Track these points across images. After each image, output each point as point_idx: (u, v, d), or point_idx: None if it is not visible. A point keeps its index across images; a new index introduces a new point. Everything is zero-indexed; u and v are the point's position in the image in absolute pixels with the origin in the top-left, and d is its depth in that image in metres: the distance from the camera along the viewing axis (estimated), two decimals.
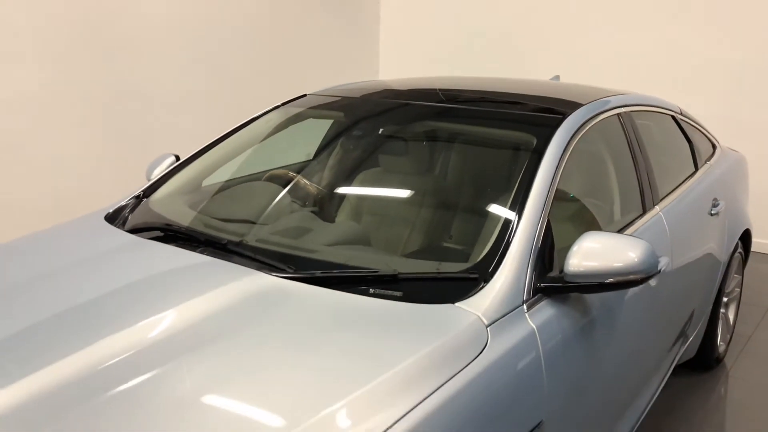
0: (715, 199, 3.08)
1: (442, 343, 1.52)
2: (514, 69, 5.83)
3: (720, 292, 3.26)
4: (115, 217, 2.30)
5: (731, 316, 3.66)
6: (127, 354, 1.48)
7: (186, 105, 5.12)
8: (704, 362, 3.37)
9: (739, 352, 3.70)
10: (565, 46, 5.82)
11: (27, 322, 1.62)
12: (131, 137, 4.78)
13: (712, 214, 3.02)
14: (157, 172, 2.67)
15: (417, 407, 1.36)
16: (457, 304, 1.66)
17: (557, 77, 3.61)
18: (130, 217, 2.30)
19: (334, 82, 3.24)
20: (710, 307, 3.18)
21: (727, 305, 3.59)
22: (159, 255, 1.95)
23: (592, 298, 1.95)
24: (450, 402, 1.42)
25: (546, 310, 1.78)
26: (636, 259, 1.78)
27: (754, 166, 4.17)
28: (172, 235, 2.08)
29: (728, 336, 3.62)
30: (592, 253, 1.78)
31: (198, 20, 5.13)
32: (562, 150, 2.12)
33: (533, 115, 2.36)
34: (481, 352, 1.55)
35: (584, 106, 2.38)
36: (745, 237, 3.58)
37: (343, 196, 2.50)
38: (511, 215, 1.91)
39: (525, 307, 1.74)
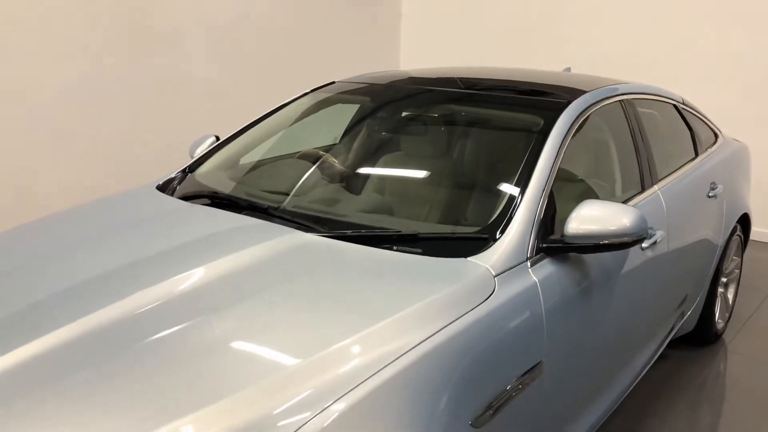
0: (713, 183, 3.30)
1: (456, 288, 1.78)
2: (530, 61, 6.04)
3: (718, 271, 3.48)
4: (165, 187, 2.59)
5: (730, 296, 3.87)
6: (182, 294, 1.74)
7: (218, 93, 5.42)
8: (703, 337, 3.59)
9: (737, 330, 3.92)
10: (579, 40, 6.03)
11: (87, 275, 1.86)
12: (167, 123, 5.09)
13: (709, 197, 3.24)
14: (199, 151, 2.95)
15: (431, 338, 1.61)
16: (469, 258, 1.92)
17: (569, 69, 3.84)
18: (178, 187, 2.59)
19: (356, 73, 3.49)
20: (708, 283, 3.40)
21: (726, 285, 3.81)
22: (208, 217, 2.23)
23: (591, 261, 2.19)
24: (460, 335, 1.67)
25: (547, 267, 2.03)
26: (628, 224, 2.02)
27: (758, 157, 4.38)
28: (218, 201, 2.36)
29: (727, 315, 3.84)
30: (590, 218, 2.03)
31: (229, 15, 5.43)
32: (565, 131, 2.36)
33: (541, 101, 2.61)
34: (489, 297, 1.80)
35: (588, 93, 2.62)
36: (745, 221, 3.79)
37: (368, 172, 2.76)
38: (518, 186, 2.16)
39: (528, 263, 1.99)
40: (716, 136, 3.75)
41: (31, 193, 4.41)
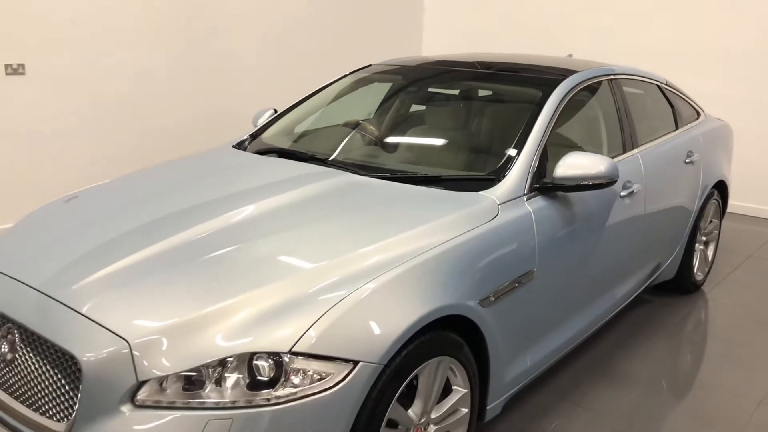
0: (690, 152, 3.89)
1: (469, 210, 2.41)
2: (540, 48, 6.64)
3: (695, 228, 4.07)
4: (239, 146, 3.26)
5: (710, 254, 4.45)
6: (266, 213, 2.38)
7: (263, 76, 6.12)
8: (683, 284, 4.18)
9: (716, 284, 4.51)
10: (586, 31, 6.64)
11: (165, 211, 2.45)
12: (221, 102, 5.80)
13: (686, 163, 3.83)
14: (261, 120, 3.61)
15: (449, 241, 2.24)
16: (480, 192, 2.55)
17: (570, 55, 4.44)
18: (249, 145, 3.25)
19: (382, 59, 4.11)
20: (686, 237, 3.98)
21: (706, 244, 4.40)
22: (279, 164, 2.89)
23: (576, 201, 2.81)
24: (472, 240, 2.30)
25: (539, 201, 2.65)
26: (603, 169, 2.64)
27: (741, 139, 4.98)
28: (284, 154, 3.02)
29: (706, 269, 4.42)
30: (573, 164, 2.65)
31: (275, 9, 6.13)
32: (557, 102, 2.98)
33: (540, 78, 3.22)
34: (494, 218, 2.43)
35: (579, 73, 3.24)
36: (722, 188, 4.37)
37: (401, 133, 3.42)
38: (519, 142, 2.78)
39: (525, 197, 2.61)
40: (698, 114, 4.33)
41: (111, 156, 5.14)
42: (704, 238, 4.35)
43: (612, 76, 3.50)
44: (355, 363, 1.85)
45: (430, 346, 2.08)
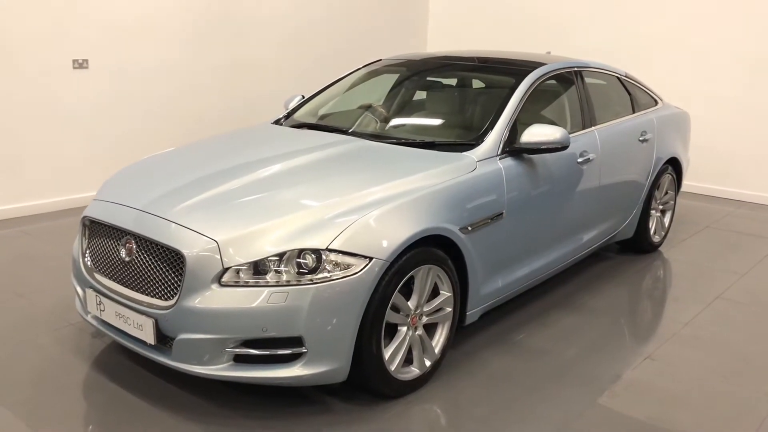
0: (644, 131, 4.71)
1: (454, 164, 3.25)
2: (526, 46, 7.49)
3: (650, 196, 4.88)
4: (277, 123, 4.12)
5: (666, 221, 5.26)
6: (296, 165, 3.21)
7: (282, 70, 6.96)
8: (641, 244, 4.99)
9: (673, 246, 5.32)
10: (577, 28, 7.46)
11: (228, 165, 3.30)
12: (244, 95, 6.65)
13: (640, 140, 4.66)
14: (292, 104, 4.47)
15: (439, 183, 3.07)
16: (463, 153, 3.39)
17: (549, 52, 5.27)
18: (284, 122, 4.11)
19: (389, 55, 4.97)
20: (641, 203, 4.79)
21: (663, 212, 5.21)
22: (311, 134, 3.75)
23: (539, 163, 3.64)
24: (455, 185, 3.13)
25: (509, 161, 3.49)
26: (558, 137, 3.47)
27: (702, 130, 5.81)
28: (313, 127, 3.87)
29: (663, 233, 5.23)
30: (536, 133, 3.48)
31: (291, 10, 6.98)
32: (527, 87, 3.81)
33: (514, 69, 4.05)
34: (473, 171, 3.27)
35: (546, 65, 4.07)
36: (676, 164, 5.18)
37: (405, 112, 4.27)
38: (495, 117, 3.61)
39: (497, 157, 3.45)
40: (656, 101, 5.15)
41: (160, 139, 6.00)
42: (661, 207, 5.16)
43: (576, 68, 4.33)
44: (370, 259, 2.69)
45: (423, 256, 2.91)
